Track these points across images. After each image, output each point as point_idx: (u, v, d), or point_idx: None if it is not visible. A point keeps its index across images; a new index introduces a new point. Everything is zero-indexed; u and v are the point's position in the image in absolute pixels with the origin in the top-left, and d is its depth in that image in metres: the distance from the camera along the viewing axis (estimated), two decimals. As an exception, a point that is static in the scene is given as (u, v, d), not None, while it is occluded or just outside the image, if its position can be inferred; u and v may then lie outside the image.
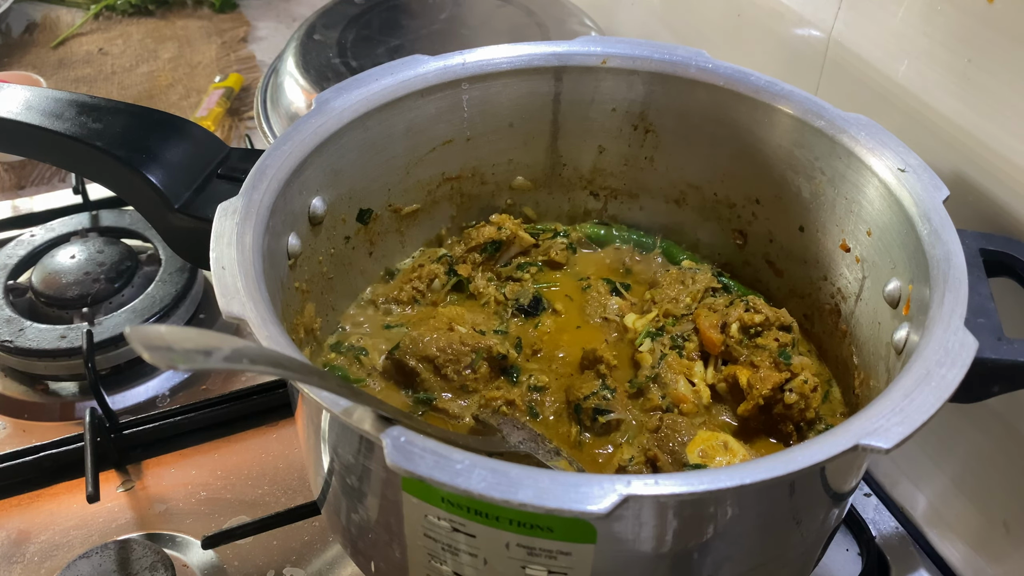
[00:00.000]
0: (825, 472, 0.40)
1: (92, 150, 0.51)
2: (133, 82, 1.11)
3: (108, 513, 0.61)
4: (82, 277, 0.73)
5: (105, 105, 0.53)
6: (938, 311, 0.41)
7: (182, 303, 0.73)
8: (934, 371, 0.38)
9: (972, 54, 0.51)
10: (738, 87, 0.56)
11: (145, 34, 1.21)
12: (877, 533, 0.60)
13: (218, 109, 1.03)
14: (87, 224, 0.80)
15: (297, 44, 0.88)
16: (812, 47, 0.64)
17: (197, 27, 1.23)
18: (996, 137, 0.51)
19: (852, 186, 0.51)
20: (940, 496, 0.60)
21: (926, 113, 0.55)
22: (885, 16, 0.57)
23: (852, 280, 0.53)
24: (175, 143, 0.52)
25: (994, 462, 0.55)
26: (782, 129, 0.55)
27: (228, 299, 0.40)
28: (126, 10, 1.25)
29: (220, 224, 0.44)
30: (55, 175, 0.96)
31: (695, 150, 0.60)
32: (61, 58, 1.16)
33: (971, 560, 0.58)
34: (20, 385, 0.70)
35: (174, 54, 1.17)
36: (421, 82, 0.56)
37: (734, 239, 0.62)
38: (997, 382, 0.42)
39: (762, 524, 0.41)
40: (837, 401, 0.54)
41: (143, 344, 0.27)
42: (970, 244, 0.45)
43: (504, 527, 0.36)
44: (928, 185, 0.47)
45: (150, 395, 0.69)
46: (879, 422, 0.36)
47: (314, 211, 0.52)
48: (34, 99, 0.52)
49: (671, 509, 0.37)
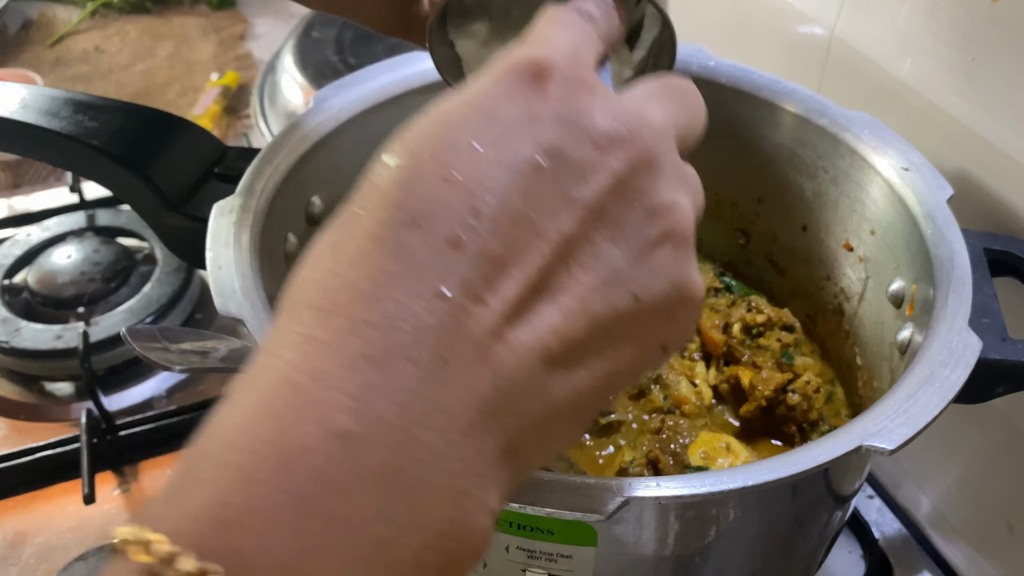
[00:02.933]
0: (828, 474, 0.40)
1: (88, 149, 0.50)
2: (130, 80, 1.11)
3: (104, 515, 0.60)
4: (78, 277, 0.73)
5: (101, 103, 0.52)
6: (942, 311, 0.41)
7: (179, 303, 0.73)
8: (938, 372, 0.38)
9: (976, 52, 0.51)
10: (740, 85, 0.55)
11: (142, 32, 1.21)
12: (880, 535, 0.60)
13: (215, 107, 1.03)
14: (83, 223, 0.79)
15: (295, 42, 0.87)
16: (814, 44, 0.64)
17: (194, 25, 1.22)
18: (1000, 135, 0.50)
19: (855, 185, 0.51)
20: (944, 498, 0.60)
21: (930, 111, 0.55)
22: (888, 14, 0.56)
23: (855, 280, 0.53)
24: (172, 142, 0.52)
25: (998, 463, 0.55)
26: (784, 127, 0.55)
27: (225, 299, 0.40)
28: (123, 8, 1.25)
29: (217, 223, 0.44)
30: (51, 174, 0.95)
31: (696, 148, 0.60)
32: (58, 56, 1.15)
33: (975, 562, 0.58)
34: (16, 386, 0.69)
35: (171, 52, 1.16)
36: (420, 80, 0.55)
37: (736, 238, 0.61)
38: (1001, 383, 0.42)
39: (765, 526, 0.41)
40: (840, 402, 0.54)
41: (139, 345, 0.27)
42: (974, 243, 0.45)
43: (504, 530, 0.36)
44: (932, 184, 0.47)
45: (147, 396, 0.68)
46: (883, 423, 0.36)
47: (312, 210, 0.52)
48: (30, 97, 0.52)
49: (673, 511, 0.36)
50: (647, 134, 0.25)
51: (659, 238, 0.25)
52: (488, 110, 0.24)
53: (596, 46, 0.28)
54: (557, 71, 0.24)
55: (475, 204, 0.22)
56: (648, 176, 0.25)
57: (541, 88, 0.24)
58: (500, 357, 0.22)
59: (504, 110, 0.24)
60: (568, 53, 0.25)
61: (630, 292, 0.24)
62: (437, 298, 0.21)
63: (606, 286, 0.24)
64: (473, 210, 0.22)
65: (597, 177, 0.24)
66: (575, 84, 0.25)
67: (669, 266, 0.25)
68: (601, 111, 0.24)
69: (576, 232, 0.23)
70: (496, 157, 0.23)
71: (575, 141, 0.24)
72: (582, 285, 0.23)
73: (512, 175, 0.23)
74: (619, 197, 0.24)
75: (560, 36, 0.27)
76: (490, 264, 0.22)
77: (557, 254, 0.23)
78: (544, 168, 0.23)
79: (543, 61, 0.25)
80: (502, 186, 0.23)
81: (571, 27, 0.28)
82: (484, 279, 0.22)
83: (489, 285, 0.22)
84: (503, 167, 0.23)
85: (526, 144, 0.23)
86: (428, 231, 0.22)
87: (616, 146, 0.24)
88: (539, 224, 0.23)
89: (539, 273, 0.23)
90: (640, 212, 0.24)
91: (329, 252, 0.23)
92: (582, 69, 0.25)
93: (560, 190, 0.23)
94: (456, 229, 0.22)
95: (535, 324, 0.23)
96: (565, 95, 0.24)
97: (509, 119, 0.24)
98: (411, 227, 0.22)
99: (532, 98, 0.24)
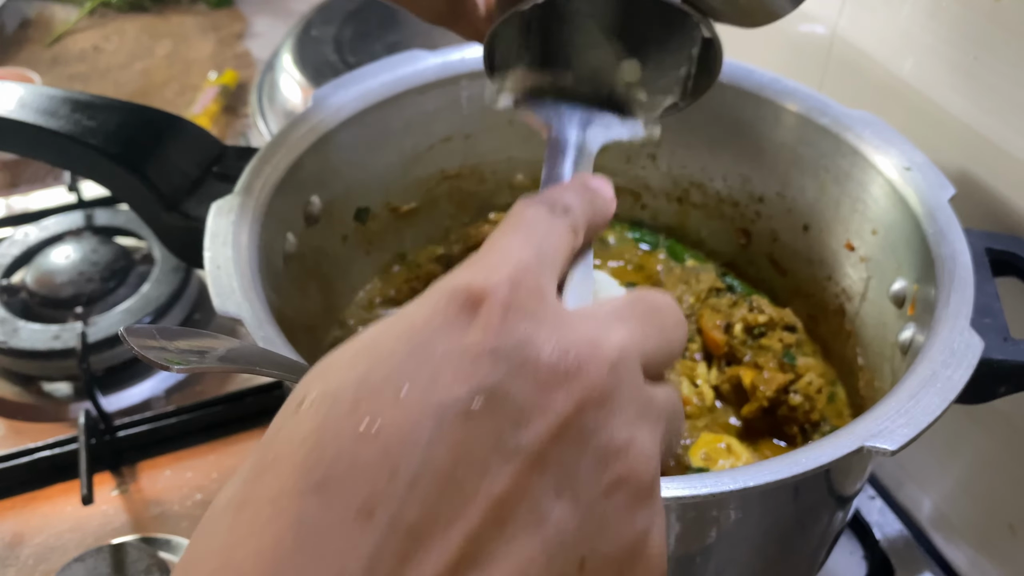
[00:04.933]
0: (830, 475, 0.39)
1: (86, 148, 0.50)
2: (128, 79, 1.11)
3: (103, 516, 0.60)
4: (76, 277, 0.73)
5: (99, 103, 0.52)
6: (943, 311, 0.41)
7: (177, 303, 0.72)
8: (940, 372, 0.38)
9: (978, 51, 0.50)
10: (741, 84, 0.55)
11: (140, 31, 1.21)
12: (882, 536, 0.59)
13: (214, 106, 1.02)
14: (81, 223, 0.79)
15: (294, 40, 0.87)
16: (816, 43, 0.64)
17: (193, 23, 1.22)
18: (1002, 135, 0.50)
19: (857, 184, 0.51)
20: (945, 498, 0.60)
21: (931, 110, 0.54)
22: (890, 12, 0.56)
23: (857, 280, 0.52)
24: (170, 141, 0.52)
25: (1000, 464, 0.55)
26: (786, 126, 0.54)
27: (223, 299, 0.40)
28: (121, 7, 1.24)
29: (215, 223, 0.44)
30: (49, 173, 0.95)
31: (697, 147, 0.60)
32: (56, 55, 1.15)
33: (977, 563, 0.58)
34: (14, 386, 0.69)
35: (169, 51, 1.16)
36: (419, 79, 0.55)
37: (738, 238, 0.61)
38: (1003, 383, 0.41)
39: (766, 528, 0.40)
40: (842, 402, 0.54)
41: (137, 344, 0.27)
42: (976, 243, 0.45)
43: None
44: (934, 183, 0.47)
45: (145, 396, 0.68)
46: (884, 423, 0.36)
47: (311, 209, 0.52)
48: (27, 96, 0.51)
49: (673, 512, 0.36)
50: (598, 366, 0.22)
51: (611, 486, 0.21)
52: (417, 345, 0.21)
53: (566, 244, 0.26)
54: (495, 298, 0.22)
55: (393, 465, 0.19)
56: (599, 414, 0.21)
57: (476, 318, 0.21)
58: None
59: (434, 345, 0.21)
60: (516, 271, 0.23)
61: (577, 555, 0.21)
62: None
63: (548, 550, 0.20)
64: (391, 472, 0.19)
65: (538, 421, 0.21)
66: (516, 312, 0.22)
67: (622, 521, 0.21)
68: (546, 342, 0.21)
69: (512, 489, 0.20)
70: (421, 403, 0.20)
71: (512, 379, 0.21)
72: (519, 552, 0.20)
73: (438, 426, 0.20)
74: (564, 442, 0.21)
75: (513, 247, 0.24)
76: (407, 537, 0.19)
77: (489, 517, 0.20)
78: (476, 414, 0.20)
79: (479, 287, 0.22)
80: (426, 440, 0.20)
81: (533, 229, 0.25)
82: (399, 556, 0.19)
83: (405, 563, 0.19)
84: (428, 417, 0.20)
85: (456, 386, 0.20)
86: (336, 499, 0.19)
87: (561, 383, 0.21)
88: (468, 484, 0.20)
89: (467, 542, 0.19)
90: (589, 458, 0.21)
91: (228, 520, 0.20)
92: (526, 292, 0.22)
93: (494, 440, 0.20)
94: (369, 497, 0.19)
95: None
96: (503, 325, 0.21)
97: (438, 356, 0.21)
98: (318, 494, 0.19)
99: (466, 330, 0.21)
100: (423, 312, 0.22)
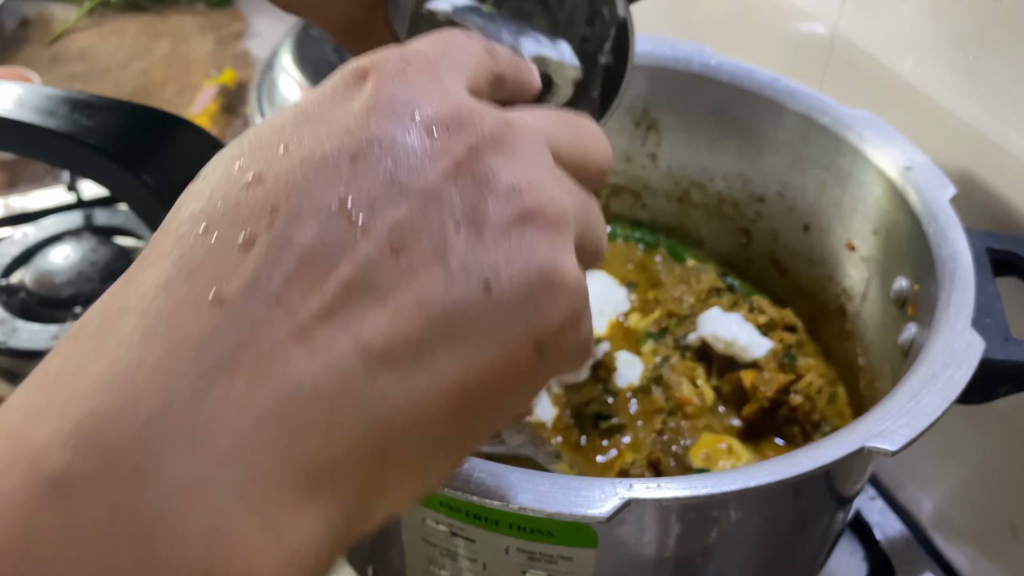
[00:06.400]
0: (830, 475, 0.39)
1: (85, 147, 0.50)
2: (127, 79, 1.11)
3: (102, 515, 0.60)
4: (75, 276, 0.73)
5: (98, 102, 0.52)
6: (944, 311, 0.41)
7: (177, 302, 0.72)
8: (940, 372, 0.38)
9: (979, 50, 0.50)
10: (742, 83, 0.55)
11: (139, 30, 1.21)
12: (882, 536, 0.59)
13: (213, 106, 1.02)
14: (80, 223, 0.79)
15: (293, 40, 0.87)
16: (816, 43, 0.63)
17: (192, 23, 1.22)
18: (1003, 134, 0.50)
19: (857, 184, 0.51)
20: (946, 499, 0.60)
21: (932, 110, 0.54)
22: (891, 11, 0.56)
23: (858, 280, 0.52)
24: (169, 140, 0.52)
25: (1001, 464, 0.55)
26: (786, 126, 0.54)
27: (222, 299, 0.40)
28: (120, 6, 1.24)
29: (214, 222, 0.43)
30: (48, 173, 0.95)
31: (698, 147, 0.60)
32: (55, 54, 1.15)
33: (978, 563, 0.58)
34: (12, 386, 0.69)
35: (169, 50, 1.16)
36: (419, 78, 0.55)
37: (738, 238, 0.61)
38: (1004, 383, 0.41)
39: (766, 528, 0.40)
40: (843, 402, 0.53)
41: None
42: (977, 243, 0.45)
43: (503, 531, 0.36)
44: (934, 183, 0.47)
45: (144, 396, 0.68)
46: (885, 424, 0.35)
47: (310, 209, 0.52)
48: (26, 96, 0.51)
49: (674, 513, 0.36)
50: (494, 118, 0.22)
51: (516, 218, 0.21)
52: (306, 113, 0.22)
53: (479, 57, 0.25)
54: (383, 69, 0.22)
55: (275, 203, 0.20)
56: (496, 158, 0.22)
57: (364, 86, 0.22)
58: (296, 365, 0.19)
59: (323, 111, 0.22)
60: (409, 52, 0.23)
61: (480, 278, 0.21)
62: (212, 305, 0.19)
63: (448, 274, 0.21)
64: (272, 209, 0.20)
65: (429, 162, 0.21)
66: (403, 81, 0.22)
67: (529, 248, 0.21)
68: (436, 101, 0.22)
69: (404, 221, 0.21)
70: (307, 153, 0.21)
71: (398, 129, 0.21)
72: (417, 276, 0.20)
73: (323, 168, 0.21)
74: (460, 180, 0.21)
75: (421, 45, 0.24)
76: (292, 262, 0.20)
77: (383, 247, 0.20)
78: (363, 157, 0.21)
79: (368, 62, 0.23)
80: (310, 180, 0.20)
81: (446, 42, 0.25)
82: (284, 279, 0.19)
83: (289, 285, 0.19)
84: (312, 163, 0.21)
85: (342, 138, 0.21)
86: (219, 236, 0.20)
87: (452, 131, 0.22)
88: (357, 216, 0.20)
89: (359, 268, 0.20)
90: (491, 194, 0.21)
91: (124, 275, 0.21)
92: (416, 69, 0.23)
93: (384, 180, 0.21)
94: (252, 232, 0.20)
95: (352, 324, 0.20)
96: (391, 87, 0.22)
97: (325, 117, 0.22)
98: (202, 235, 0.20)
99: (354, 98, 0.22)
100: (317, 91, 0.23)
